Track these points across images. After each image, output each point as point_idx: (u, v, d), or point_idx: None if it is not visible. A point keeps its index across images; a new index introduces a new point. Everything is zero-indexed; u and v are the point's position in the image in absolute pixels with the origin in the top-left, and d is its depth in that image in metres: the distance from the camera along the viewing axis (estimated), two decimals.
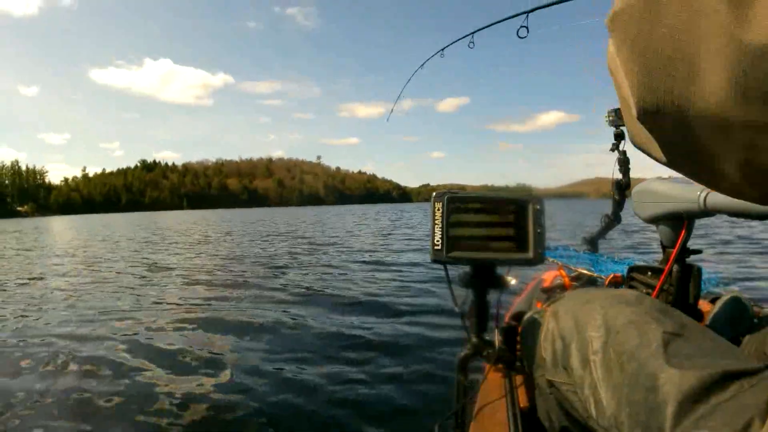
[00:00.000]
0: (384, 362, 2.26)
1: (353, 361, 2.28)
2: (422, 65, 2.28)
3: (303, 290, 4.18)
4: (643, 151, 0.26)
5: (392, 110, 2.67)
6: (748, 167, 0.21)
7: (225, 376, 2.15)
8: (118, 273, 5.67)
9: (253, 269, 5.66)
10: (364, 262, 6.07)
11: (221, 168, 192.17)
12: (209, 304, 3.71)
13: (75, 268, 6.28)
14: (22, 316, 3.46)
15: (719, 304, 0.93)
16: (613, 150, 1.78)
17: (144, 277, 5.37)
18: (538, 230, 0.68)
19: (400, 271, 5.14)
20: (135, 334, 2.86)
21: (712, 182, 0.24)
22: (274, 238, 11.00)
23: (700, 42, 0.18)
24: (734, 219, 0.80)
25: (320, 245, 8.65)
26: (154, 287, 4.61)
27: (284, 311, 3.38)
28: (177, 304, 3.73)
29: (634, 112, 0.22)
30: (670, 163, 0.25)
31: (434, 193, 0.69)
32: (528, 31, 1.17)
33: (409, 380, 2.04)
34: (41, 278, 5.46)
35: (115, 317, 3.31)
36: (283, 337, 2.74)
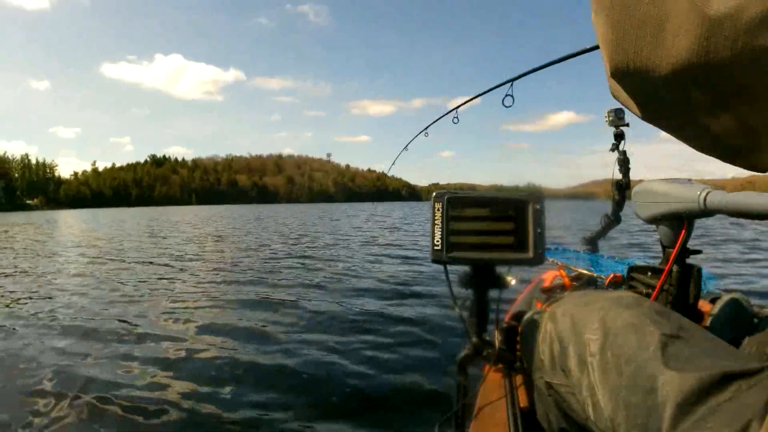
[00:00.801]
0: (384, 362, 2.26)
1: (353, 362, 2.28)
2: (406, 147, 2.27)
3: (302, 291, 4.18)
4: (622, 104, 0.28)
5: (392, 165, 2.68)
6: (710, 125, 0.23)
7: (224, 376, 2.15)
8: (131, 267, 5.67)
9: (254, 266, 5.66)
10: (363, 262, 6.08)
11: (231, 164, 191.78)
12: (222, 306, 3.71)
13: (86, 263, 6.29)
14: (49, 298, 3.46)
15: (719, 304, 0.93)
16: (613, 150, 1.78)
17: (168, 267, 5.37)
18: (538, 230, 0.68)
19: (400, 271, 5.15)
20: (163, 321, 2.86)
21: (682, 137, 0.26)
22: (276, 236, 11.01)
23: (668, 9, 0.20)
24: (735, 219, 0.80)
25: (326, 244, 8.67)
26: (185, 276, 4.61)
27: (284, 311, 3.39)
28: (191, 299, 3.73)
29: (608, 69, 0.24)
30: (644, 118, 0.27)
31: (434, 193, 0.69)
32: (513, 100, 1.18)
33: (410, 380, 2.04)
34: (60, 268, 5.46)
35: (132, 308, 3.31)
36: (284, 338, 2.73)
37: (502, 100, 1.16)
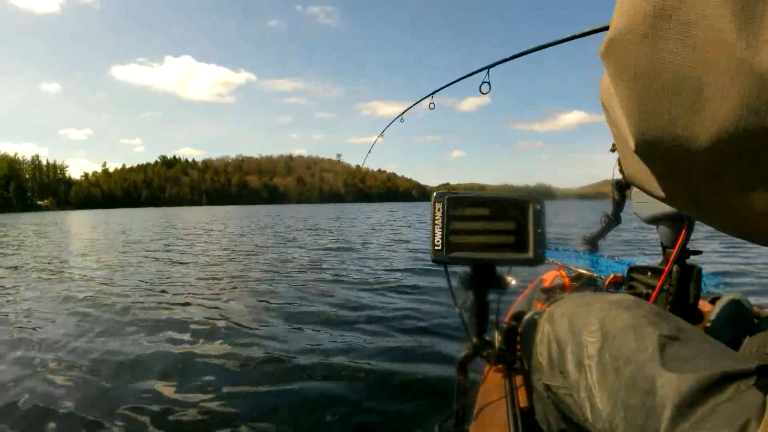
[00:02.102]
0: (384, 362, 2.26)
1: (353, 362, 2.28)
2: (382, 133, 2.23)
3: (300, 291, 4.19)
4: (640, 187, 0.25)
5: (367, 154, 2.61)
6: (747, 202, 0.19)
7: (215, 377, 2.16)
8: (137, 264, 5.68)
9: (257, 266, 5.67)
10: (364, 261, 6.08)
11: (241, 165, 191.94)
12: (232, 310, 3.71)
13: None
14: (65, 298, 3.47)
15: (719, 304, 0.93)
16: (613, 150, 1.78)
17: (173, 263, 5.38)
18: (539, 230, 0.68)
19: (401, 270, 5.15)
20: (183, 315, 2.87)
21: (708, 218, 0.23)
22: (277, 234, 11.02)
23: (707, 68, 0.17)
24: None
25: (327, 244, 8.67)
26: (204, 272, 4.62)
27: (284, 311, 3.39)
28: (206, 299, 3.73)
29: (632, 144, 0.21)
30: (668, 199, 0.24)
31: (434, 193, 0.69)
32: (490, 87, 1.17)
33: (410, 380, 2.04)
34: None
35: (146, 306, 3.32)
36: (283, 338, 2.74)
37: (479, 87, 1.16)
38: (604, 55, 0.21)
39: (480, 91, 1.16)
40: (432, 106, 1.61)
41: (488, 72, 1.17)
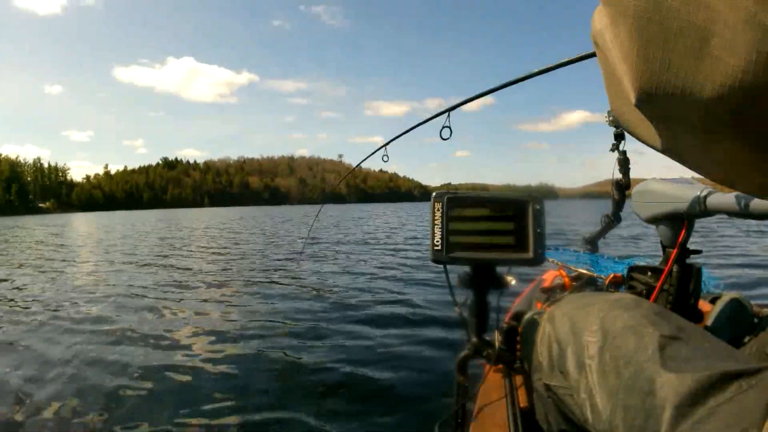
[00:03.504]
0: (384, 362, 2.26)
1: (353, 362, 2.28)
2: (359, 164, 2.17)
3: (299, 291, 4.19)
4: (633, 134, 0.24)
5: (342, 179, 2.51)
6: (745, 156, 0.19)
7: (221, 374, 2.16)
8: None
9: (251, 269, 5.67)
10: (364, 261, 6.07)
11: (243, 166, 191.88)
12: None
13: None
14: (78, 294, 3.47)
15: (719, 304, 0.92)
16: (613, 150, 1.77)
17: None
18: (538, 230, 0.68)
19: (401, 270, 5.15)
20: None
21: (705, 169, 0.23)
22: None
23: (715, 18, 0.16)
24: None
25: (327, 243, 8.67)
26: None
27: (283, 311, 3.39)
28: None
29: (629, 90, 0.20)
30: (665, 149, 0.23)
31: (434, 193, 0.69)
32: (451, 132, 1.14)
33: (410, 380, 2.04)
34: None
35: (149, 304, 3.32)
36: (282, 338, 2.74)
37: (440, 132, 1.12)
38: None
39: (440, 136, 1.12)
40: (385, 158, 1.59)
41: (449, 116, 1.13)
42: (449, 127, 1.12)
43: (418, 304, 3.47)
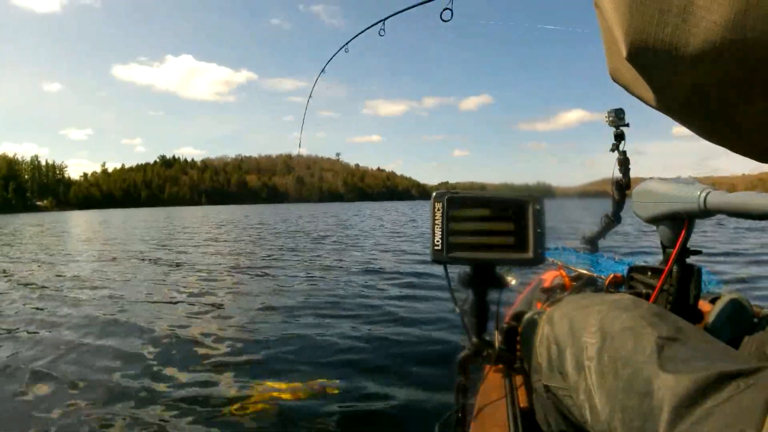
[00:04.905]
0: (384, 362, 2.26)
1: (353, 362, 2.28)
2: (323, 69, 2.14)
3: (297, 290, 4.19)
4: (627, 89, 0.25)
5: (302, 121, 2.40)
6: (737, 114, 0.21)
7: (224, 374, 2.15)
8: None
9: (246, 270, 5.67)
10: (363, 260, 6.08)
11: (240, 164, 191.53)
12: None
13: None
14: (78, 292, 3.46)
15: (719, 304, 0.92)
16: (613, 150, 1.78)
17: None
18: (538, 230, 0.68)
19: (401, 270, 5.15)
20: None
21: (702, 130, 0.24)
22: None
23: None
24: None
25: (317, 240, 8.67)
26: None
27: (283, 311, 3.39)
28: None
29: (623, 48, 0.21)
30: (660, 106, 0.24)
31: (434, 193, 0.69)
32: (452, 14, 1.11)
33: (410, 380, 2.04)
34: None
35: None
36: (281, 338, 2.73)
37: (440, 14, 1.11)
38: None
39: (441, 18, 1.10)
40: (382, 33, 1.55)
41: None
42: (451, 9, 1.11)
43: (417, 303, 3.47)
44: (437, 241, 0.67)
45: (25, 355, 2.50)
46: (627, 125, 2.16)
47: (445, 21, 1.10)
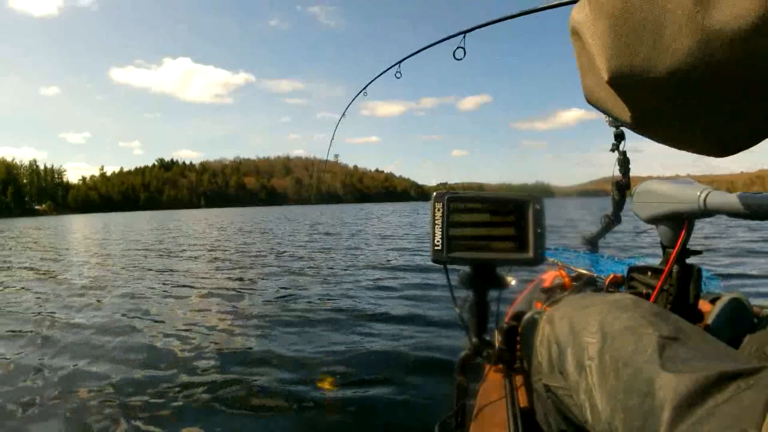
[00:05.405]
0: (384, 362, 2.26)
1: (353, 362, 2.28)
2: (344, 114, 2.14)
3: (296, 291, 4.18)
4: (601, 109, 0.29)
5: (332, 139, 2.38)
6: (704, 123, 0.24)
7: (224, 374, 2.15)
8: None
9: (240, 268, 5.67)
10: (362, 260, 6.07)
11: (239, 167, 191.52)
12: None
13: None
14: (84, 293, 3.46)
15: (719, 304, 0.92)
16: (613, 150, 1.78)
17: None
18: (539, 230, 0.68)
19: (401, 270, 5.15)
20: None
21: (674, 141, 0.28)
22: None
23: (667, 13, 0.21)
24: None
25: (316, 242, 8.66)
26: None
27: (283, 311, 3.39)
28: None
29: (604, 74, 0.25)
30: (636, 125, 0.28)
31: (434, 193, 0.69)
32: (465, 53, 1.14)
33: (410, 380, 2.04)
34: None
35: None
36: (281, 338, 2.73)
37: (453, 53, 1.12)
38: None
39: (454, 56, 1.12)
40: (398, 75, 1.55)
41: (464, 37, 1.14)
42: (463, 48, 1.13)
43: (417, 303, 3.47)
44: (437, 242, 0.67)
45: (30, 355, 2.50)
46: None
47: (458, 59, 1.12)
